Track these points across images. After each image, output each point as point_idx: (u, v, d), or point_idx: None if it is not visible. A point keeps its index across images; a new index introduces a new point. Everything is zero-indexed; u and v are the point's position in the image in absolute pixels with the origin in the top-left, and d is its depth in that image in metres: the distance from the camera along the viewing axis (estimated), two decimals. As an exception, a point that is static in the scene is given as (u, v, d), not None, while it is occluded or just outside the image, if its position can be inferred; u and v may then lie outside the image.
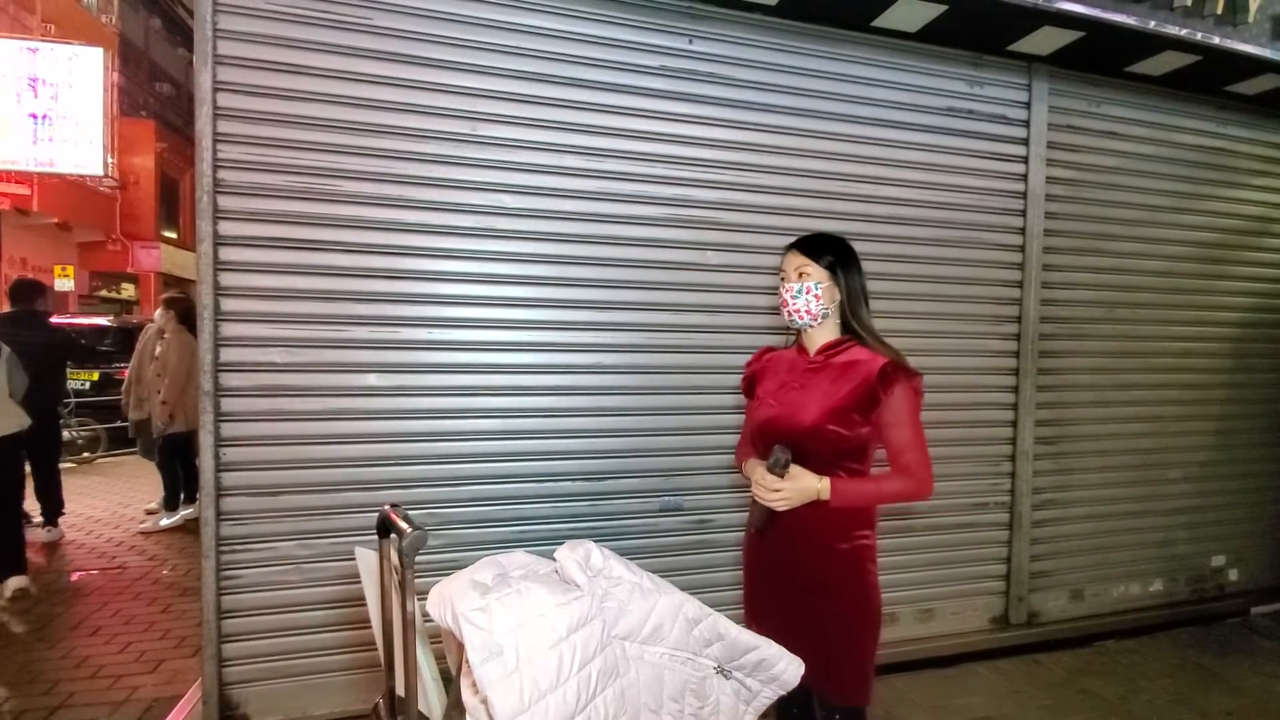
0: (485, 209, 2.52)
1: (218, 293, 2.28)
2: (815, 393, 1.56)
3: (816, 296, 1.58)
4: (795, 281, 1.59)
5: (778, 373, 1.69)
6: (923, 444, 1.53)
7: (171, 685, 2.78)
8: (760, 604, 1.69)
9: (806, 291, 1.58)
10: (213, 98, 2.27)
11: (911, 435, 1.52)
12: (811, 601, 1.57)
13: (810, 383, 1.59)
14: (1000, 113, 3.15)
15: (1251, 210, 3.65)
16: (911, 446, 1.52)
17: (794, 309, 1.60)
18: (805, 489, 1.48)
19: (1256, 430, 3.76)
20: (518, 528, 2.61)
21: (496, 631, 0.92)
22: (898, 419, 1.51)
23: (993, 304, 3.19)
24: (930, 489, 1.52)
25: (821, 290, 1.58)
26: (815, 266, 1.58)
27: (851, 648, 1.56)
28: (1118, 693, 2.87)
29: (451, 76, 2.47)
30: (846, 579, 1.56)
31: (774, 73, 2.82)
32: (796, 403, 1.58)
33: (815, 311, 1.59)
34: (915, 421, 1.53)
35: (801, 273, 1.59)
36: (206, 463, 2.28)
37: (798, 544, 1.58)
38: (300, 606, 2.40)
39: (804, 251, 1.60)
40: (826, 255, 1.60)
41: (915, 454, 1.52)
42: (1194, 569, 3.66)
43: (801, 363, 1.65)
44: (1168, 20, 2.85)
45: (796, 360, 1.67)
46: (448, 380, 2.52)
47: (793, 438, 1.53)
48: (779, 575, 1.63)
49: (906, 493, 1.52)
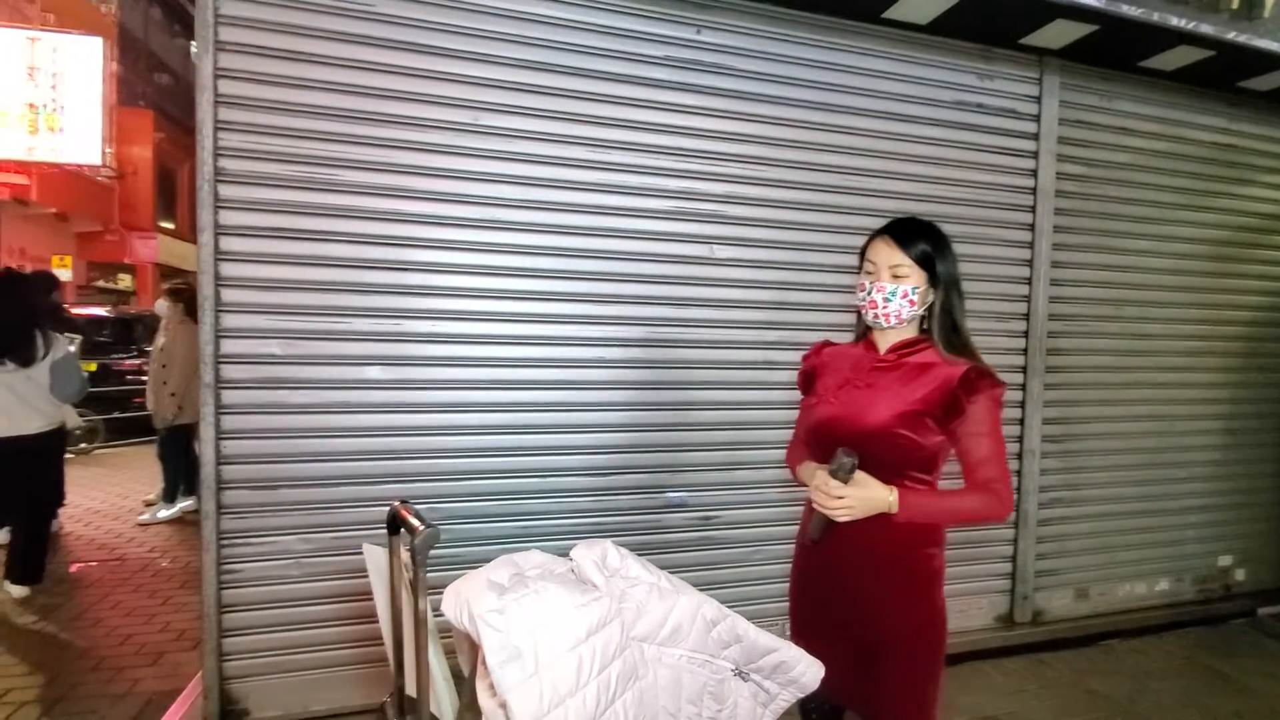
0: (488, 200, 2.48)
1: (218, 283, 2.24)
2: (885, 393, 1.41)
3: (911, 302, 1.41)
4: (889, 282, 1.40)
5: (840, 369, 1.52)
6: (1003, 456, 1.38)
7: (172, 678, 2.76)
8: (809, 622, 1.55)
9: (902, 296, 1.40)
10: (214, 84, 2.22)
11: (993, 447, 1.37)
12: (869, 622, 1.42)
13: (879, 382, 1.43)
14: (1011, 107, 3.11)
15: (1263, 208, 3.62)
16: (991, 459, 1.37)
17: (884, 312, 1.42)
18: (873, 499, 1.32)
19: (1265, 430, 3.74)
20: (521, 523, 2.58)
21: (514, 634, 0.89)
22: (980, 429, 1.36)
23: (1001, 301, 3.16)
24: (1011, 507, 1.37)
25: (918, 295, 1.41)
26: (913, 266, 1.40)
27: (912, 676, 1.42)
28: (1125, 693, 2.86)
29: (454, 65, 2.43)
30: (910, 600, 1.41)
31: (782, 64, 2.78)
32: (863, 402, 1.42)
33: (907, 317, 1.43)
34: (996, 432, 1.38)
35: (898, 273, 1.40)
36: (207, 455, 2.24)
37: (857, 560, 1.43)
38: (301, 601, 2.38)
39: (900, 244, 1.41)
40: (924, 249, 1.40)
41: (996, 468, 1.37)
42: (1201, 569, 3.64)
43: (869, 360, 1.48)
44: (1183, 14, 2.81)
45: (863, 357, 1.50)
46: (450, 373, 2.49)
47: (857, 440, 1.37)
48: (833, 592, 1.48)
49: (985, 511, 1.36)
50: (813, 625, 1.53)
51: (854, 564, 1.44)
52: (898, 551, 1.41)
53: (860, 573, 1.43)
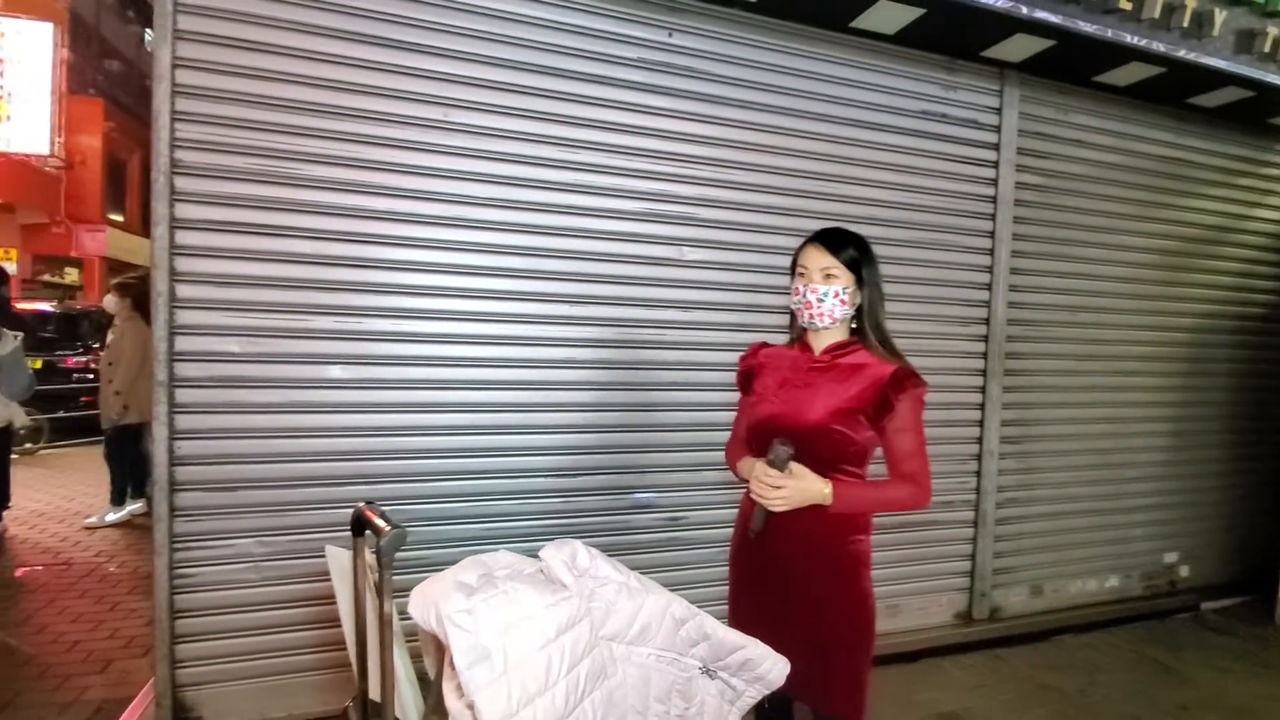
0: (457, 198, 2.45)
1: (173, 278, 2.16)
2: (822, 392, 1.51)
3: (843, 301, 1.52)
4: (822, 284, 1.51)
5: (778, 369, 1.62)
6: (924, 450, 1.50)
7: (122, 686, 2.66)
8: (748, 610, 1.63)
9: (834, 295, 1.51)
10: (172, 74, 2.15)
11: (916, 442, 1.49)
12: (804, 608, 1.52)
13: (816, 382, 1.54)
14: (973, 117, 3.20)
15: (1208, 220, 3.79)
16: (915, 453, 1.49)
17: (818, 312, 1.52)
18: (808, 489, 1.43)
19: (1209, 433, 3.90)
20: (487, 525, 2.55)
21: (483, 634, 0.88)
22: (905, 425, 1.48)
23: (962, 305, 3.24)
24: (929, 496, 1.50)
25: (848, 295, 1.52)
26: (842, 269, 1.51)
27: (846, 657, 1.52)
28: (1076, 686, 2.95)
29: (423, 60, 2.39)
30: (841, 585, 1.52)
31: (753, 69, 2.81)
32: (802, 400, 1.52)
33: (840, 316, 1.53)
34: (919, 427, 1.50)
35: (829, 275, 1.51)
36: (160, 456, 2.17)
37: (790, 548, 1.52)
38: (259, 605, 2.31)
39: (830, 249, 1.52)
40: (852, 253, 1.53)
41: (918, 461, 1.49)
42: (1148, 566, 3.79)
43: (805, 361, 1.59)
44: (1136, 32, 2.92)
45: (800, 358, 1.60)
46: (416, 373, 2.45)
47: (797, 436, 1.47)
48: (770, 580, 1.57)
49: (908, 500, 1.48)
50: (751, 614, 1.60)
51: (788, 553, 1.53)
52: (829, 540, 1.51)
53: (794, 561, 1.53)
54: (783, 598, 1.55)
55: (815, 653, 1.48)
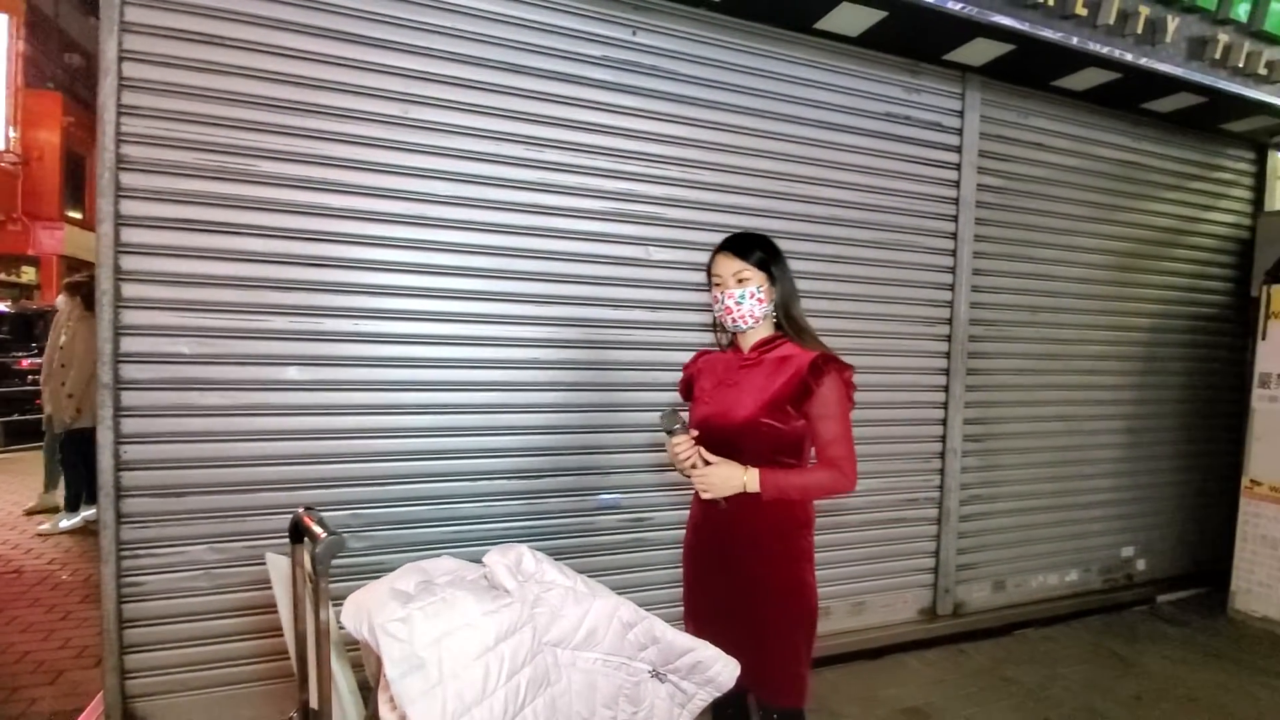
0: (417, 195, 2.41)
1: (119, 277, 2.10)
2: (750, 388, 1.57)
3: (760, 300, 1.59)
4: (736, 287, 1.58)
5: (714, 372, 1.70)
6: (849, 437, 1.54)
7: (72, 698, 2.57)
8: (697, 603, 1.69)
9: (751, 296, 1.58)
10: (118, 67, 2.09)
11: (838, 428, 1.53)
12: (748, 602, 1.57)
13: (745, 379, 1.60)
14: (936, 120, 3.24)
15: (1161, 223, 3.88)
16: (838, 440, 1.53)
17: (739, 314, 1.59)
18: (729, 476, 1.49)
19: (1163, 429, 4.00)
20: (448, 528, 2.51)
21: (418, 643, 0.85)
22: (826, 411, 1.52)
23: (926, 306, 3.28)
24: (854, 482, 1.54)
25: (763, 293, 1.59)
26: (753, 270, 1.58)
27: (787, 648, 1.56)
28: (1037, 679, 3.00)
29: (382, 55, 2.35)
30: (783, 579, 1.56)
31: (718, 69, 2.81)
32: (732, 399, 1.59)
33: (760, 315, 1.60)
34: (844, 414, 1.55)
35: (741, 278, 1.58)
36: (105, 461, 2.10)
37: (737, 544, 1.58)
38: (211, 614, 2.25)
39: (739, 255, 1.59)
40: (760, 255, 1.60)
41: (841, 447, 1.53)
42: (1106, 560, 3.87)
43: (737, 361, 1.66)
44: (1092, 38, 2.98)
45: (732, 359, 1.68)
46: (376, 374, 2.40)
47: (729, 433, 1.54)
48: (717, 575, 1.62)
49: (832, 484, 1.53)
50: (702, 609, 1.68)
51: (735, 549, 1.59)
52: (773, 536, 1.57)
53: (741, 557, 1.58)
54: (730, 593, 1.59)
55: (759, 645, 1.53)
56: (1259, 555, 3.63)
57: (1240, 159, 4.10)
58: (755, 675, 1.51)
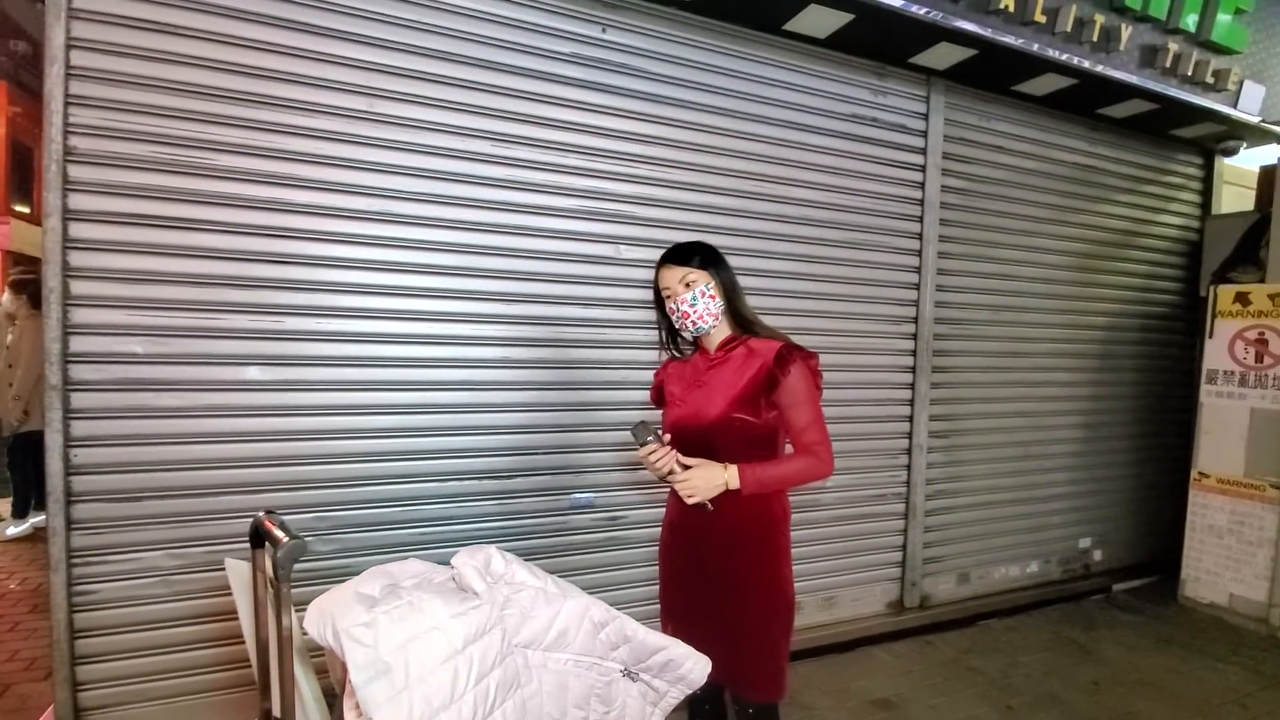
0: (383, 192, 2.37)
1: (67, 274, 2.01)
2: (719, 386, 1.59)
3: (712, 296, 1.62)
4: (685, 291, 1.61)
5: (683, 376, 1.72)
6: (821, 422, 1.56)
7: (21, 712, 2.46)
8: (674, 599, 1.70)
9: (702, 295, 1.61)
10: (65, 55, 2.00)
11: (810, 414, 1.55)
12: (727, 598, 1.57)
13: (714, 378, 1.62)
14: (901, 122, 3.29)
15: (1116, 224, 4.01)
16: (811, 425, 1.55)
17: (697, 315, 1.62)
18: (711, 477, 1.49)
19: (1118, 424, 4.14)
20: (418, 530, 2.47)
21: (383, 648, 0.84)
22: (796, 399, 1.54)
23: (893, 305, 3.33)
24: (831, 466, 1.56)
25: (713, 289, 1.62)
26: (696, 271, 1.61)
27: (764, 643, 1.57)
28: (999, 668, 3.08)
29: (345, 48, 2.30)
30: (761, 575, 1.57)
31: (688, 69, 2.81)
32: (703, 399, 1.61)
33: (716, 311, 1.63)
34: (813, 400, 1.57)
35: (688, 282, 1.61)
36: (54, 466, 2.02)
37: (714, 541, 1.58)
38: (168, 622, 2.18)
39: (680, 262, 1.62)
40: (699, 258, 1.63)
41: (815, 432, 1.55)
42: (1064, 551, 3.99)
43: (704, 362, 1.69)
44: (1050, 44, 3.06)
45: (699, 361, 1.71)
46: (341, 374, 2.35)
47: (703, 433, 1.56)
48: (694, 573, 1.63)
49: (811, 471, 1.54)
50: (679, 607, 1.68)
51: (712, 546, 1.59)
52: (751, 528, 1.57)
53: (719, 550, 1.59)
54: (708, 590, 1.60)
55: (735, 640, 1.54)
56: (1206, 544, 3.78)
57: (1189, 164, 4.25)
58: (734, 671, 1.54)
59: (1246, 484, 3.60)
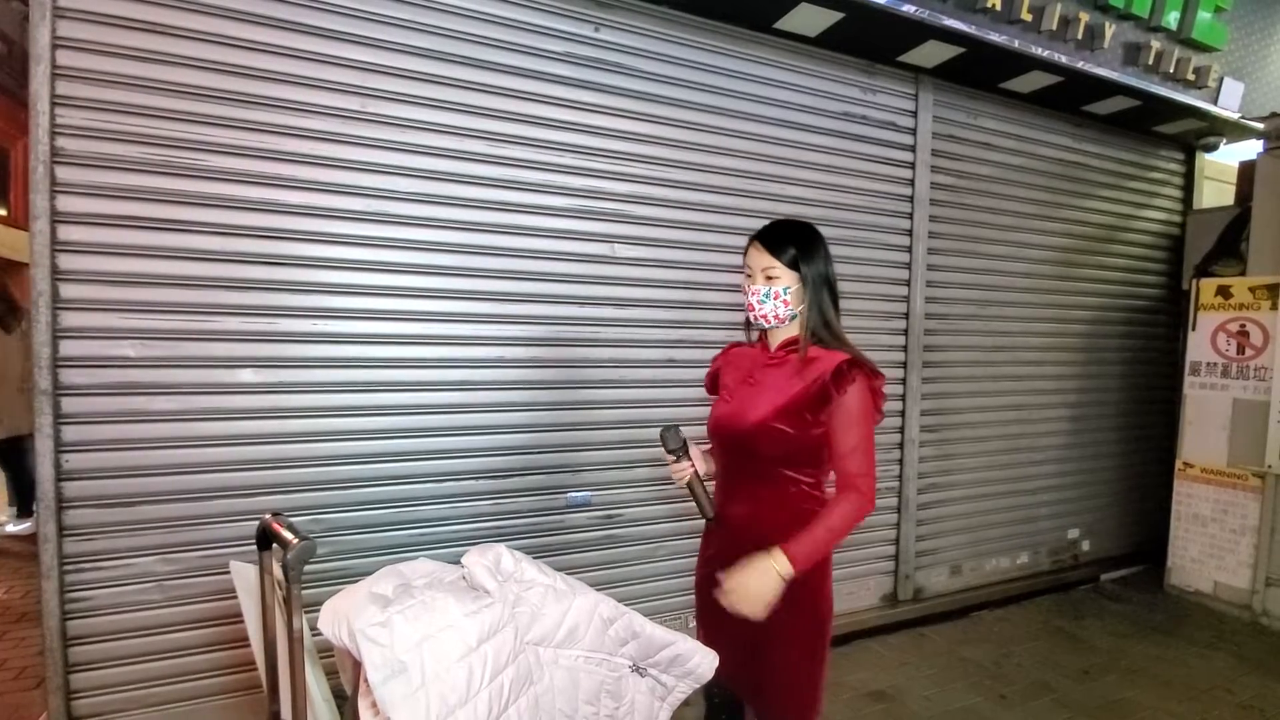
0: (377, 192, 2.36)
1: (56, 277, 1.99)
2: (769, 389, 1.45)
3: (785, 302, 1.45)
4: (762, 284, 1.46)
5: (740, 367, 1.58)
6: (868, 451, 1.40)
7: (10, 723, 2.44)
8: (709, 610, 1.53)
9: (774, 296, 1.45)
10: (51, 55, 1.97)
11: (857, 439, 1.39)
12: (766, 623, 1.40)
13: (767, 379, 1.48)
14: (891, 120, 3.32)
15: (1101, 220, 4.07)
16: (855, 452, 1.39)
17: (760, 313, 1.47)
18: (762, 584, 1.33)
19: (1106, 416, 4.20)
20: (415, 531, 2.47)
21: (399, 647, 0.84)
22: (848, 421, 1.39)
23: (884, 300, 3.36)
24: (873, 502, 1.40)
25: (790, 295, 1.45)
26: (783, 269, 1.44)
27: (800, 664, 1.46)
28: (992, 658, 3.12)
29: (338, 47, 2.28)
30: (798, 589, 1.39)
31: (681, 67, 2.82)
32: (749, 399, 1.48)
33: (783, 316, 1.47)
34: (867, 423, 1.41)
35: (769, 275, 1.45)
36: (45, 471, 1.99)
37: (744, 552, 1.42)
38: (164, 628, 2.16)
39: (770, 249, 1.45)
40: (792, 253, 1.44)
41: (858, 462, 1.39)
42: (1053, 542, 4.05)
43: (762, 358, 1.54)
44: (1035, 42, 3.10)
45: (758, 355, 1.56)
46: (335, 375, 2.34)
47: (739, 436, 1.44)
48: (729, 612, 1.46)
49: (854, 515, 1.39)
50: (712, 615, 1.52)
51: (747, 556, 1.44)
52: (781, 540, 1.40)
53: None
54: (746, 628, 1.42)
55: (770, 654, 1.44)
56: (1191, 533, 3.85)
57: (1171, 159, 4.32)
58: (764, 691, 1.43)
59: (1229, 473, 3.67)
